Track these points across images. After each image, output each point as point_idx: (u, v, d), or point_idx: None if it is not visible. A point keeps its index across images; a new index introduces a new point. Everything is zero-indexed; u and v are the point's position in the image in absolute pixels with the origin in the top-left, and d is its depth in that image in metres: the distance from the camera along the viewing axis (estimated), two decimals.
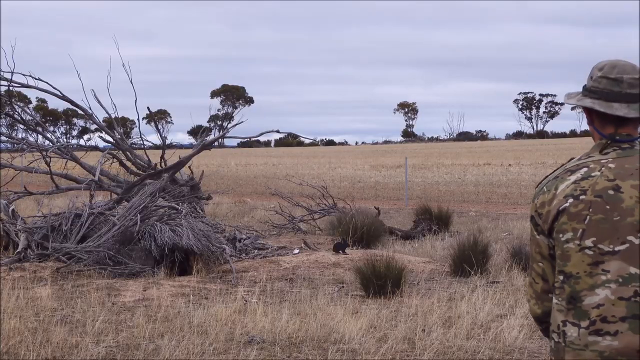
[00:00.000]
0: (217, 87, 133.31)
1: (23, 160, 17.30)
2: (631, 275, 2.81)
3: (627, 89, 2.94)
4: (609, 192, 2.89)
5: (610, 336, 2.81)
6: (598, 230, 2.87)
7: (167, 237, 10.88)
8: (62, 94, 13.74)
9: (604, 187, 2.89)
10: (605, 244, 2.86)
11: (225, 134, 15.69)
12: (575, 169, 2.96)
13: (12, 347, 6.91)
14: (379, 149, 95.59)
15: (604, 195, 2.88)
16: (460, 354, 6.89)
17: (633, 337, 2.79)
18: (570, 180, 2.94)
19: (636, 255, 2.83)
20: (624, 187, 2.87)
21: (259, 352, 6.97)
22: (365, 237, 13.78)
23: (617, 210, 2.87)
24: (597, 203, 2.88)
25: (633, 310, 2.80)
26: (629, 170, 2.89)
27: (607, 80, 2.96)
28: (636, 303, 2.80)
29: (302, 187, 19.64)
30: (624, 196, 2.87)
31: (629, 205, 2.86)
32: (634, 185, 2.87)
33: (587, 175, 2.92)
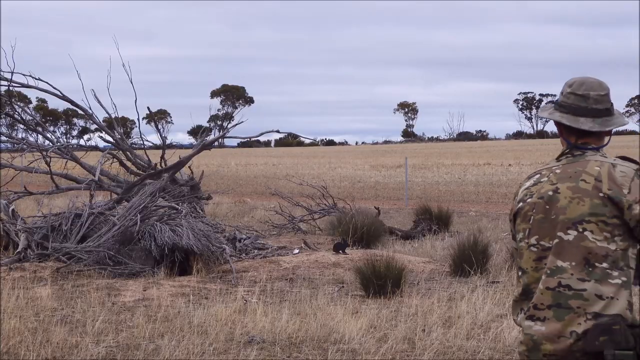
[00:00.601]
0: (217, 87, 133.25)
1: (23, 160, 17.29)
2: (557, 267, 3.15)
3: (593, 104, 3.27)
4: (549, 193, 3.23)
5: (540, 322, 3.16)
6: (540, 228, 3.22)
7: (167, 237, 10.88)
8: (62, 94, 13.74)
9: (546, 190, 3.24)
10: (546, 241, 3.21)
11: (225, 134, 15.69)
12: (532, 176, 3.34)
13: (12, 347, 6.91)
14: (379, 149, 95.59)
15: (545, 197, 3.24)
16: (460, 354, 6.89)
17: (556, 324, 3.13)
18: (525, 186, 3.32)
19: (563, 249, 3.16)
20: (561, 189, 3.21)
21: (259, 352, 6.97)
22: (365, 237, 13.78)
23: (553, 209, 3.21)
24: (539, 204, 3.24)
25: (557, 299, 3.14)
26: (569, 173, 3.22)
27: (575, 96, 3.28)
28: (559, 293, 3.14)
29: (302, 187, 19.64)
30: (560, 197, 3.21)
31: (562, 205, 3.19)
32: (569, 186, 3.20)
33: (537, 181, 3.29)
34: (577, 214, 3.18)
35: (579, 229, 3.17)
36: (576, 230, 3.17)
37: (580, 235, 3.16)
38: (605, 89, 3.33)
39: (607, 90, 3.34)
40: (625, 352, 3.07)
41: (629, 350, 3.07)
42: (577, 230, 3.17)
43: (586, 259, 3.14)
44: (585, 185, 3.18)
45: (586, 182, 3.19)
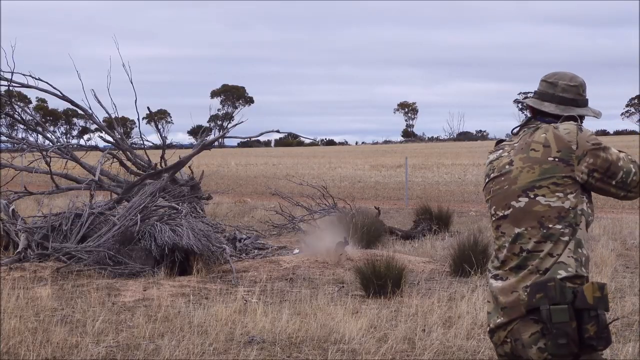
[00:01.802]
0: (217, 87, 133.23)
1: (23, 160, 17.29)
2: (517, 234, 3.40)
3: (560, 92, 3.53)
4: (506, 167, 3.49)
5: (501, 280, 3.42)
6: (497, 199, 3.49)
7: (167, 237, 10.88)
8: (62, 94, 13.73)
9: (503, 164, 3.50)
10: (500, 210, 3.47)
11: (225, 134, 15.69)
12: (495, 151, 3.61)
13: (12, 347, 6.91)
14: (379, 148, 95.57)
15: (503, 170, 3.50)
16: (460, 354, 6.89)
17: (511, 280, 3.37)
18: (489, 159, 3.61)
19: (517, 216, 3.40)
20: (515, 161, 3.46)
21: (259, 352, 6.96)
22: (365, 237, 13.78)
23: (507, 180, 3.46)
24: (498, 177, 3.50)
25: (519, 262, 3.37)
26: (522, 145, 3.47)
27: (546, 83, 3.57)
28: (521, 257, 3.37)
29: (302, 187, 19.63)
30: (513, 168, 3.45)
31: (515, 175, 3.44)
32: (521, 157, 3.44)
33: (499, 156, 3.56)
34: (527, 182, 3.39)
35: (530, 195, 3.39)
36: (527, 197, 3.39)
37: (532, 201, 3.38)
38: (577, 82, 3.55)
39: (577, 83, 3.56)
40: (560, 306, 3.22)
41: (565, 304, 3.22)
42: (527, 197, 3.39)
43: (540, 222, 3.36)
44: (534, 154, 3.41)
45: (535, 151, 3.41)
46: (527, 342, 3.30)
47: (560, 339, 3.22)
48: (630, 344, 6.93)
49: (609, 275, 10.30)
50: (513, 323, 3.34)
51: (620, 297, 9.12)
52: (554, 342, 3.22)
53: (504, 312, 3.38)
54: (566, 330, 3.21)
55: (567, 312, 3.22)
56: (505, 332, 3.37)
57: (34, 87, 13.52)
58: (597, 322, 3.24)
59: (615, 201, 20.35)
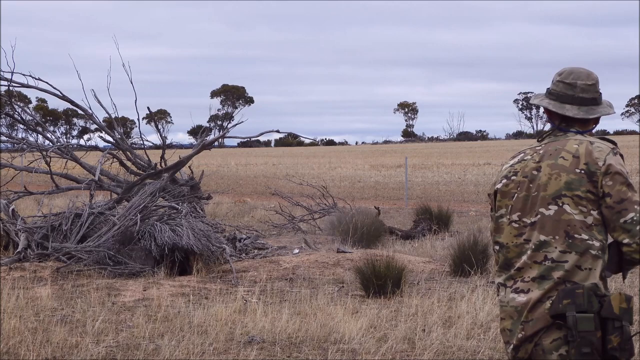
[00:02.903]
0: (217, 87, 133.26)
1: (23, 160, 17.29)
2: (541, 242, 3.31)
3: (580, 93, 3.43)
4: (533, 172, 3.39)
5: (523, 293, 3.32)
6: (523, 205, 3.38)
7: (167, 237, 10.88)
8: (62, 94, 13.73)
9: (530, 168, 3.40)
10: (527, 217, 3.37)
11: (225, 134, 15.68)
12: (517, 155, 3.51)
13: (12, 347, 6.91)
14: (379, 148, 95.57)
15: (529, 176, 3.40)
16: (460, 354, 6.89)
17: (537, 292, 3.28)
18: (509, 164, 3.49)
19: (545, 224, 3.31)
20: (543, 167, 3.37)
21: (259, 352, 6.96)
22: (365, 237, 13.78)
23: (535, 187, 3.37)
24: (523, 182, 3.40)
25: (542, 272, 3.29)
26: (550, 151, 3.38)
27: (563, 84, 3.46)
28: (545, 266, 3.29)
29: (302, 187, 19.64)
30: (541, 174, 3.37)
31: (543, 182, 3.35)
32: (549, 164, 3.35)
33: (521, 159, 3.46)
34: (555, 189, 3.33)
35: (559, 203, 3.32)
36: (556, 204, 3.32)
37: (560, 210, 3.31)
38: (593, 79, 3.48)
39: (594, 80, 3.48)
40: (586, 314, 3.18)
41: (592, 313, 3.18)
42: (557, 205, 3.32)
43: (566, 232, 3.29)
44: (563, 162, 3.34)
45: (564, 159, 3.34)
46: (548, 348, 3.26)
47: (585, 347, 3.18)
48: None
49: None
50: (540, 333, 3.29)
51: None
52: (578, 351, 3.18)
53: (528, 325, 3.30)
54: (591, 340, 3.18)
55: (592, 321, 3.18)
56: (532, 344, 3.30)
57: (34, 87, 13.53)
58: (622, 334, 3.20)
59: None
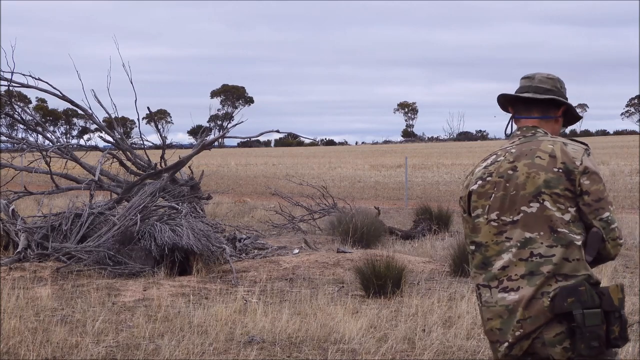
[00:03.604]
0: (217, 87, 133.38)
1: (23, 160, 17.29)
2: (527, 239, 3.39)
3: (537, 83, 3.60)
4: (509, 172, 3.48)
5: (514, 292, 3.39)
6: (501, 204, 3.46)
7: (167, 237, 10.88)
8: (62, 94, 13.73)
9: (505, 169, 3.49)
10: (506, 216, 3.45)
11: (225, 134, 15.67)
12: (488, 157, 3.60)
13: (12, 347, 6.91)
14: (379, 148, 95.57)
15: (505, 175, 3.48)
16: (460, 354, 6.89)
17: (529, 289, 3.35)
18: (482, 166, 3.57)
19: (528, 221, 3.40)
20: (519, 166, 3.46)
21: (259, 352, 6.96)
22: (365, 237, 13.78)
23: (512, 186, 3.45)
24: (499, 182, 3.48)
25: (530, 268, 3.37)
26: (524, 152, 3.48)
27: (524, 79, 3.65)
28: (532, 262, 3.37)
29: (302, 187, 19.65)
30: (519, 174, 3.46)
31: (521, 181, 3.44)
32: (526, 163, 3.45)
33: (494, 161, 3.55)
34: (535, 187, 3.42)
35: (539, 200, 3.41)
36: (537, 202, 3.41)
37: (542, 206, 3.40)
38: (554, 77, 3.65)
39: (554, 77, 3.65)
40: (593, 310, 3.29)
41: (596, 308, 3.29)
42: (538, 202, 3.41)
43: (550, 227, 3.38)
44: (540, 161, 3.44)
45: (541, 159, 3.44)
46: (550, 341, 3.35)
47: (593, 341, 3.29)
48: (630, 344, 6.93)
49: (609, 275, 10.30)
50: (538, 330, 3.37)
51: None
52: (587, 345, 3.28)
53: (527, 323, 3.37)
54: (598, 333, 3.29)
55: (599, 316, 3.29)
56: (529, 341, 3.38)
57: (34, 87, 13.52)
58: (621, 322, 3.34)
59: (616, 201, 20.35)
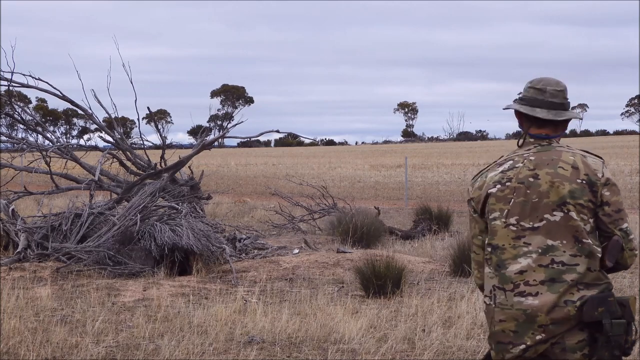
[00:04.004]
0: (217, 87, 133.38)
1: (23, 160, 17.29)
2: (548, 246, 3.49)
3: (549, 97, 3.63)
4: (530, 179, 3.56)
5: (532, 297, 3.47)
6: (521, 210, 3.54)
7: (167, 237, 10.88)
8: (62, 94, 13.73)
9: (525, 175, 3.57)
10: (526, 222, 3.53)
11: (225, 133, 15.67)
12: (503, 162, 3.67)
13: (12, 347, 6.91)
14: (379, 148, 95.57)
15: (525, 182, 3.56)
16: (460, 354, 6.89)
17: (551, 296, 3.45)
18: (498, 170, 3.64)
19: (551, 229, 3.49)
20: (541, 175, 3.55)
21: (259, 352, 6.96)
22: (365, 237, 13.78)
23: (535, 193, 3.54)
24: (520, 188, 3.56)
25: (551, 275, 3.46)
26: (545, 161, 3.57)
27: (533, 89, 3.66)
28: (553, 269, 3.47)
29: (302, 187, 19.65)
30: (541, 182, 3.54)
31: (544, 189, 3.53)
32: (548, 172, 3.54)
33: (512, 167, 3.62)
34: (559, 197, 3.51)
35: (564, 210, 3.50)
36: (561, 211, 3.50)
37: (566, 216, 3.50)
38: (562, 86, 3.69)
39: (563, 88, 3.69)
40: (619, 320, 3.44)
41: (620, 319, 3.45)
42: (562, 212, 3.50)
43: (574, 237, 3.49)
44: (563, 172, 3.53)
45: (564, 169, 3.53)
46: (572, 347, 3.47)
47: (616, 350, 3.45)
48: None
49: (609, 276, 10.29)
50: (559, 336, 3.48)
51: None
52: (610, 353, 3.44)
53: (549, 329, 3.47)
54: (620, 342, 3.45)
55: (623, 326, 3.45)
56: (547, 345, 3.49)
57: (34, 87, 13.52)
58: (635, 333, 3.52)
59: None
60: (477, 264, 3.72)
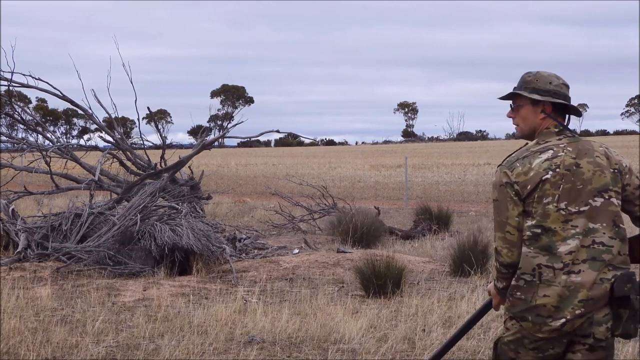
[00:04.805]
0: (217, 87, 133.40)
1: (23, 160, 17.29)
2: (590, 229, 3.82)
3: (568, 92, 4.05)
4: (574, 167, 3.87)
5: (574, 274, 3.79)
6: (568, 196, 3.84)
7: (167, 237, 10.88)
8: (62, 94, 13.73)
9: (570, 164, 3.87)
10: (572, 206, 3.83)
11: (225, 133, 15.66)
12: (543, 150, 3.92)
13: (12, 347, 6.91)
14: (379, 148, 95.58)
15: (571, 170, 3.86)
16: (460, 354, 6.89)
17: (592, 274, 3.78)
18: (542, 158, 3.89)
19: (593, 213, 3.83)
20: (582, 164, 3.87)
21: (259, 352, 6.96)
22: (365, 237, 13.78)
23: (579, 180, 3.85)
24: (567, 175, 3.86)
25: (592, 254, 3.80)
26: (582, 150, 3.91)
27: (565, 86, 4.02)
28: (594, 249, 3.80)
29: (302, 187, 19.65)
30: (584, 170, 3.86)
31: (588, 177, 3.86)
32: (589, 161, 3.88)
33: (555, 155, 3.89)
34: (602, 184, 3.86)
35: (605, 196, 3.86)
36: (602, 197, 3.85)
37: (607, 202, 3.86)
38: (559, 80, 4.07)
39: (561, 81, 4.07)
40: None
41: None
42: (603, 197, 3.85)
43: (613, 221, 3.86)
44: (600, 161, 3.89)
45: (600, 159, 3.89)
46: (599, 321, 3.82)
47: (638, 323, 3.85)
48: (630, 344, 6.93)
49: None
50: (594, 311, 3.80)
51: None
52: (635, 326, 3.84)
53: (589, 304, 3.77)
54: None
55: None
56: (582, 319, 3.79)
57: (34, 87, 13.51)
58: None
59: None
60: (509, 244, 3.89)
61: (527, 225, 3.86)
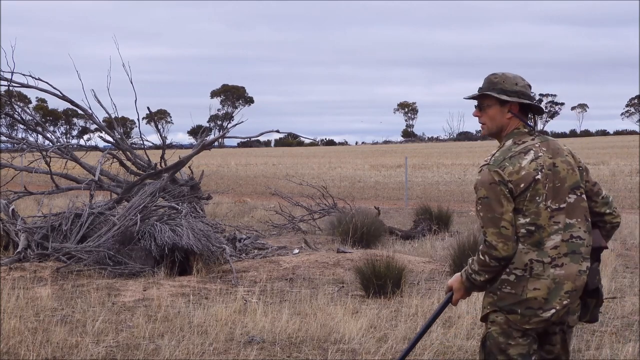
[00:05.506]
0: (217, 87, 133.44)
1: (23, 160, 17.29)
2: (568, 224, 4.08)
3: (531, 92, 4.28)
4: (553, 167, 4.11)
5: (559, 267, 4.03)
6: (552, 194, 4.08)
7: (167, 237, 10.88)
8: (62, 94, 13.72)
9: (549, 163, 4.11)
10: (553, 204, 4.07)
11: (225, 134, 15.66)
12: (525, 151, 4.11)
13: (12, 347, 6.91)
14: (379, 148, 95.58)
15: (552, 169, 4.10)
16: (460, 354, 6.89)
17: (573, 266, 4.05)
18: (528, 159, 4.09)
19: (570, 209, 4.09)
20: (558, 163, 4.12)
21: (259, 352, 6.96)
22: (365, 237, 13.77)
23: (557, 179, 4.10)
24: (550, 175, 4.09)
25: (571, 248, 4.05)
26: (554, 150, 4.15)
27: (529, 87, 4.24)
28: (573, 243, 4.06)
29: (302, 187, 19.65)
30: (560, 169, 4.12)
31: (564, 175, 4.11)
32: (562, 160, 4.13)
33: (536, 156, 4.11)
34: (574, 182, 4.13)
35: (577, 193, 4.12)
36: (575, 194, 4.11)
37: (579, 198, 4.13)
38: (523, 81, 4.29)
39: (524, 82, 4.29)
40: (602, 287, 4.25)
41: None
42: (575, 194, 4.12)
43: (585, 216, 4.13)
44: (570, 160, 4.16)
45: (569, 158, 4.17)
46: (574, 310, 4.14)
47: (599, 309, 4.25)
48: (630, 344, 6.93)
49: (609, 275, 10.30)
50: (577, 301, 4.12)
51: (620, 297, 9.12)
52: (598, 312, 4.22)
53: (573, 295, 4.06)
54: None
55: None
56: (565, 309, 4.07)
57: (34, 87, 13.51)
58: None
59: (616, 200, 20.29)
60: (504, 238, 4.03)
61: (520, 223, 4.06)
